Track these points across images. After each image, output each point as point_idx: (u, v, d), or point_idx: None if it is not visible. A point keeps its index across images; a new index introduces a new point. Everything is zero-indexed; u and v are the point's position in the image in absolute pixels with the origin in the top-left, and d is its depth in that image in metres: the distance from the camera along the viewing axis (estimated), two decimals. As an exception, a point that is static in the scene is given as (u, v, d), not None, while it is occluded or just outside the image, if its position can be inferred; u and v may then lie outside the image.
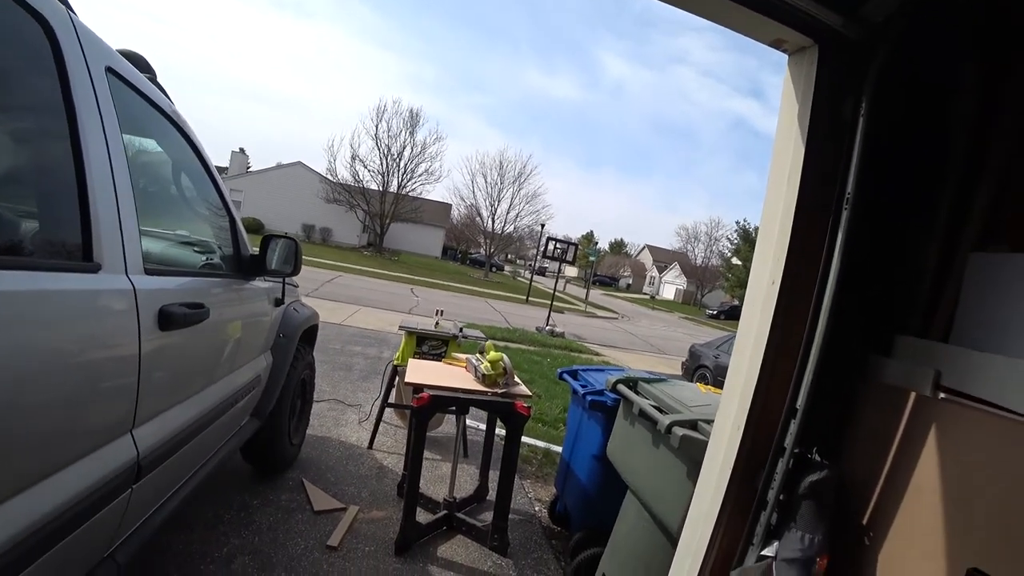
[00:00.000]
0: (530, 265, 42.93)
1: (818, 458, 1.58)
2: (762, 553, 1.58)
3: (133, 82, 1.58)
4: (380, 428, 3.97)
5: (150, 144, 1.93)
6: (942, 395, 1.52)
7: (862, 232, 1.57)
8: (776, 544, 1.55)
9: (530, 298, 22.78)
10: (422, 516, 2.87)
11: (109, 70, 1.40)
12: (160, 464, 1.56)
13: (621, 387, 2.47)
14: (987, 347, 1.47)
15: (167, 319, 1.46)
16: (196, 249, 2.19)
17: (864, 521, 1.59)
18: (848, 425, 1.73)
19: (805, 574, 1.50)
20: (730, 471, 1.63)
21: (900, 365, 1.65)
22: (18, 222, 1.20)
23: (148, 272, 1.44)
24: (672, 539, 1.94)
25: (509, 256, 63.03)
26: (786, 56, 1.71)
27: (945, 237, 1.71)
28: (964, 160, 1.69)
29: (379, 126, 35.87)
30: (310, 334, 3.38)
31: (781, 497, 1.56)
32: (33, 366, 1.02)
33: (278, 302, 2.68)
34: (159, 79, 1.92)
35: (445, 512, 2.90)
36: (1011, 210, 1.61)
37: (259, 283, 2.41)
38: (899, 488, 1.51)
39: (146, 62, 1.85)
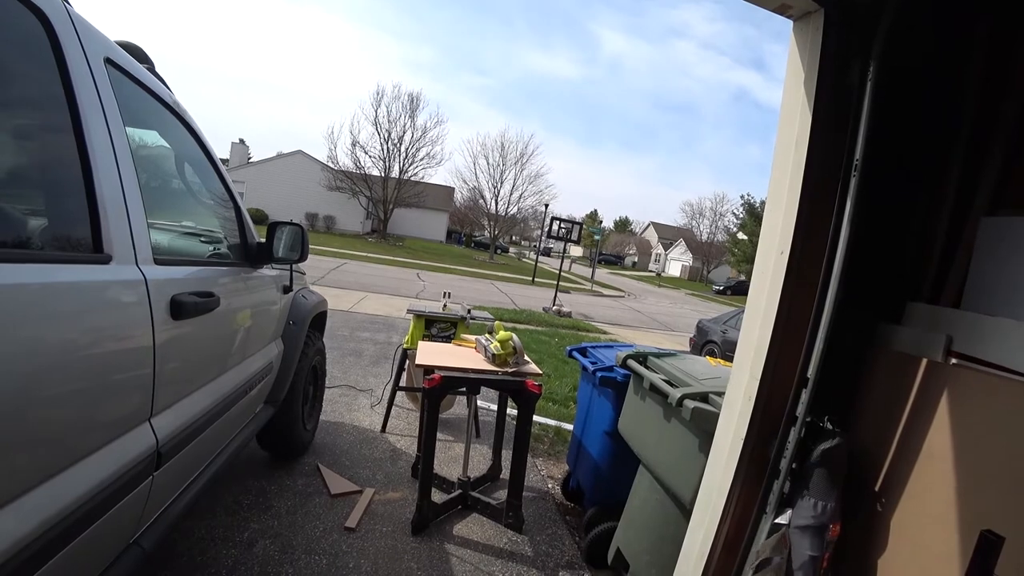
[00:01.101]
0: (535, 246, 42.83)
1: (830, 426, 1.58)
2: (775, 521, 1.59)
3: (133, 73, 1.57)
4: (392, 412, 4.01)
5: (152, 136, 1.92)
6: (954, 361, 1.52)
7: (871, 199, 1.56)
8: (789, 512, 1.57)
9: (536, 279, 22.79)
10: (437, 496, 2.91)
11: (108, 61, 1.39)
12: (179, 451, 1.58)
13: (631, 362, 2.48)
14: (999, 312, 1.47)
15: (179, 308, 1.47)
16: (203, 239, 2.20)
17: (876, 487, 1.60)
18: (859, 393, 1.73)
19: (818, 541, 1.52)
20: (742, 441, 1.64)
21: (911, 332, 1.65)
22: (26, 217, 1.21)
23: (158, 262, 1.44)
24: (685, 511, 1.96)
25: (514, 238, 62.87)
26: (790, 22, 1.68)
27: (956, 202, 1.69)
28: (975, 124, 1.66)
29: (378, 111, 35.73)
30: (319, 320, 3.40)
31: (793, 466, 1.57)
32: (49, 357, 1.04)
33: (286, 289, 2.70)
34: (157, 69, 1.91)
35: (460, 491, 2.94)
36: (1022, 174, 1.58)
37: (267, 271, 2.43)
38: (911, 454, 1.52)
39: (144, 53, 1.84)
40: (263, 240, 2.28)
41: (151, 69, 1.82)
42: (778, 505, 1.59)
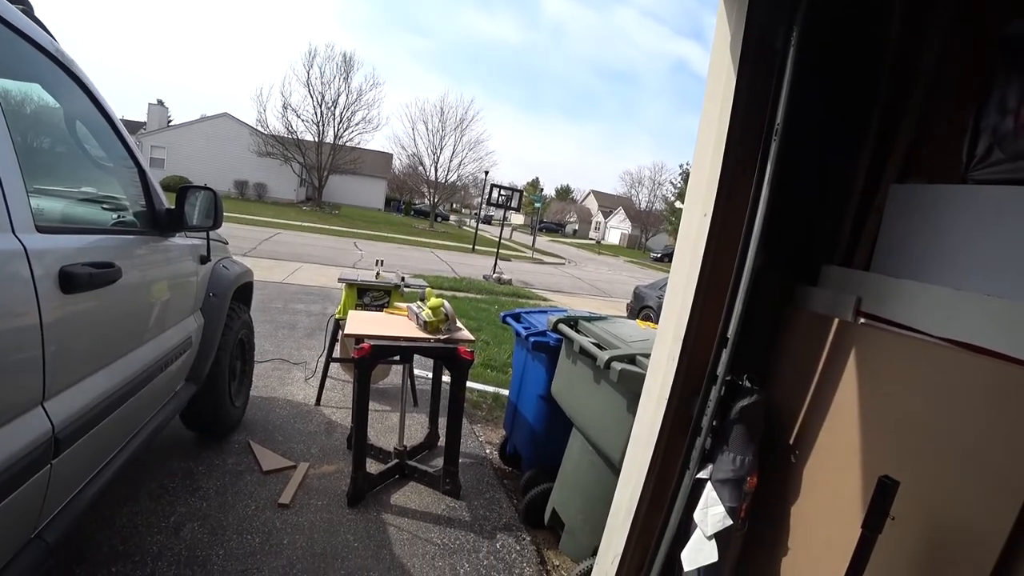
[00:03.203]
0: (475, 214, 42.50)
1: (748, 384, 1.65)
2: (698, 476, 1.66)
3: (1, 15, 1.38)
4: (327, 384, 3.92)
5: (33, 89, 1.72)
6: (862, 320, 1.60)
7: (790, 163, 1.60)
8: (710, 467, 1.64)
9: (476, 247, 22.66)
10: (373, 467, 2.88)
11: (-34, 0, 1.22)
12: (82, 436, 1.47)
13: (562, 327, 2.50)
14: (904, 274, 1.56)
15: (69, 280, 1.34)
16: (104, 207, 2.01)
17: (791, 440, 1.69)
18: (777, 352, 1.81)
19: (737, 492, 1.59)
20: (666, 401, 1.69)
21: (825, 293, 1.73)
22: None
23: (42, 230, 1.30)
24: (615, 469, 2.01)
25: (454, 206, 62.15)
26: (719, -15, 1.67)
27: (869, 168, 1.77)
28: (890, 93, 1.73)
29: (311, 72, 33.95)
30: (244, 292, 3.24)
31: (715, 423, 1.63)
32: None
33: (204, 259, 2.53)
34: (37, 14, 1.70)
35: (396, 461, 2.91)
36: (932, 142, 1.67)
37: (179, 240, 2.26)
38: (822, 408, 1.61)
39: None
40: (173, 207, 2.12)
41: (27, 12, 1.60)
42: (700, 461, 1.66)
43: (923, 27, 1.66)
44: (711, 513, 1.58)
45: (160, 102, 36.76)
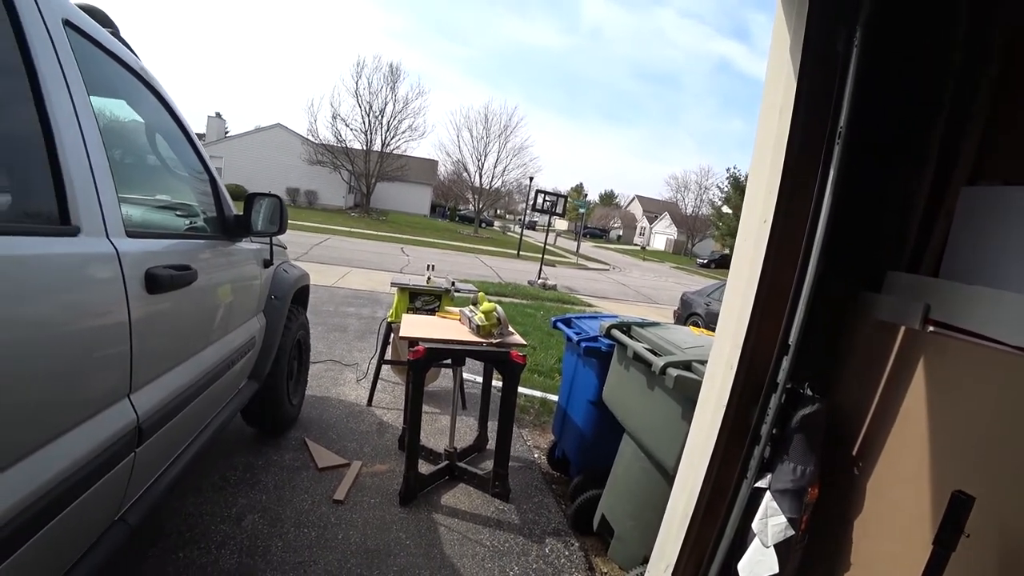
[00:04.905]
0: (520, 220, 42.66)
1: (810, 392, 1.61)
2: (756, 485, 1.63)
3: (95, 37, 1.49)
4: (378, 385, 4.01)
5: (120, 105, 1.85)
6: (931, 328, 1.54)
7: (854, 168, 1.56)
8: (769, 476, 1.60)
9: (521, 252, 22.75)
10: (424, 467, 2.93)
11: (67, 23, 1.32)
12: (161, 427, 1.56)
13: (615, 332, 2.50)
14: (976, 280, 1.49)
15: (154, 282, 1.44)
16: (179, 213, 2.14)
17: (854, 452, 1.64)
18: (839, 360, 1.76)
19: (797, 503, 1.55)
20: (724, 408, 1.66)
21: (890, 300, 1.67)
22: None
23: (131, 235, 1.40)
24: (668, 477, 1.99)
25: (498, 211, 62.53)
26: (777, -13, 1.65)
27: (937, 171, 1.70)
28: (958, 92, 1.66)
29: (359, 83, 34.97)
30: (302, 295, 3.36)
31: (774, 431, 1.60)
32: (18, 330, 1.00)
33: (267, 263, 2.65)
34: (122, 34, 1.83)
35: (446, 462, 2.96)
36: (1004, 142, 1.59)
37: (246, 244, 2.38)
38: (887, 419, 1.55)
39: (106, 16, 1.75)
40: (240, 213, 2.23)
41: (115, 34, 1.73)
42: (759, 470, 1.63)
43: (992, 23, 1.59)
44: (771, 523, 1.54)
45: (218, 114, 38.67)
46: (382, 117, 34.94)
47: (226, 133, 38.83)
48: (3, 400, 0.97)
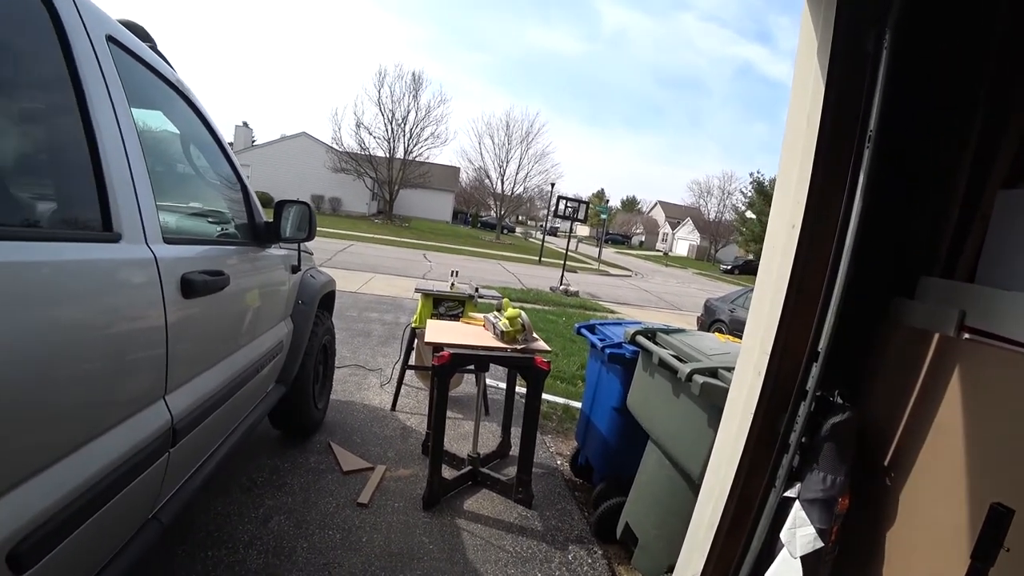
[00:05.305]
0: (541, 226, 42.67)
1: (840, 400, 1.58)
2: (784, 495, 1.60)
3: (136, 51, 1.55)
4: (402, 390, 4.05)
5: (158, 116, 1.91)
6: (967, 335, 1.50)
7: (885, 171, 1.53)
8: (798, 485, 1.58)
9: (543, 258, 22.74)
10: (447, 472, 2.94)
11: (110, 39, 1.38)
12: (194, 428, 1.60)
13: (640, 338, 2.48)
14: (1016, 286, 1.45)
15: (189, 287, 1.48)
16: (211, 220, 2.20)
17: (886, 462, 1.60)
18: (870, 367, 1.73)
19: (827, 514, 1.52)
20: (751, 416, 1.64)
21: (924, 307, 1.64)
22: (34, 198, 1.21)
23: (167, 241, 1.45)
24: (694, 485, 1.97)
25: (520, 218, 62.68)
26: (803, -10, 1.63)
27: (972, 174, 1.66)
28: (993, 93, 1.63)
29: (381, 91, 35.42)
30: (328, 300, 3.42)
31: (803, 440, 1.57)
32: (64, 333, 1.05)
33: (295, 269, 2.70)
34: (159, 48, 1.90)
35: (470, 468, 2.97)
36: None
37: (275, 251, 2.43)
38: (921, 428, 1.52)
39: (145, 31, 1.82)
40: (270, 220, 2.28)
41: (153, 48, 1.80)
42: (787, 479, 1.60)
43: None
44: (800, 534, 1.52)
45: (245, 123, 39.53)
46: (404, 125, 35.37)
47: (253, 142, 39.65)
48: (49, 399, 1.01)
